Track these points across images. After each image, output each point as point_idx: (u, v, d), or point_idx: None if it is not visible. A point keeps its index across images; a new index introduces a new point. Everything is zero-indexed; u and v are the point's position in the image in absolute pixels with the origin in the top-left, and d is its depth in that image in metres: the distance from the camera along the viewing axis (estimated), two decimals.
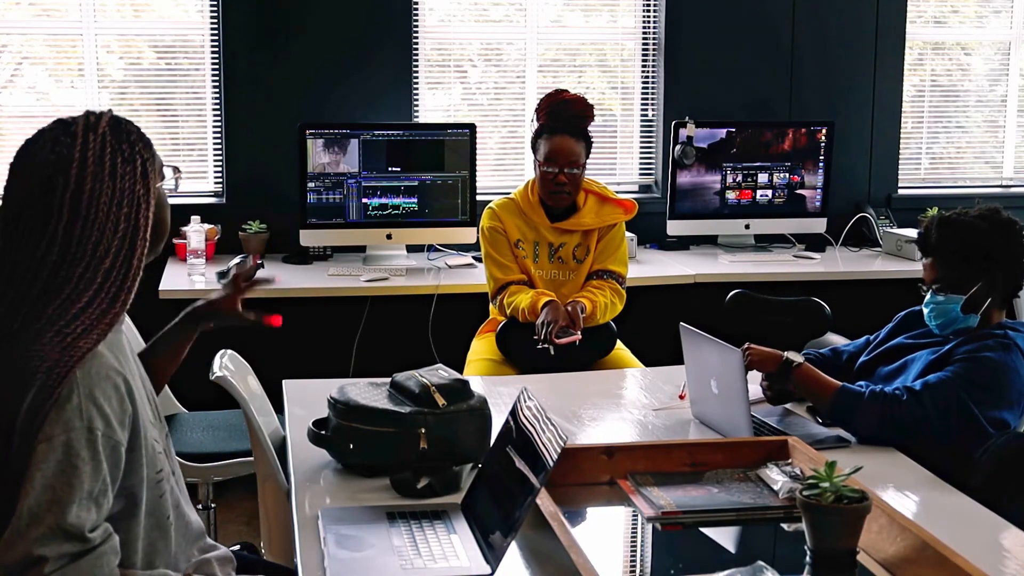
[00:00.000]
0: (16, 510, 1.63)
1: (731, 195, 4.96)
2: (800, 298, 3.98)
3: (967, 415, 2.50)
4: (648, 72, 5.12)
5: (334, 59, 4.74)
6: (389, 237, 4.57)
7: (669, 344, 3.02)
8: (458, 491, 2.18)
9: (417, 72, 4.88)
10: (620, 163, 5.18)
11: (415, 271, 4.44)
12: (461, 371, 3.55)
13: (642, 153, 5.18)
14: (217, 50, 4.69)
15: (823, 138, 4.97)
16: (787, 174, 4.99)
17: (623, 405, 2.91)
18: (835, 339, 3.56)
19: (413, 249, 4.69)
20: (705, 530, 2.09)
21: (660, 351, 3.53)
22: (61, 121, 1.83)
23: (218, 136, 4.76)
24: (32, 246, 1.76)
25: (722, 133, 4.91)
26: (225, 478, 3.34)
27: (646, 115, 5.15)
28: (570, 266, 3.74)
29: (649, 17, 5.09)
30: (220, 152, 4.77)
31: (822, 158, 4.98)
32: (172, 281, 4.19)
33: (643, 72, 5.12)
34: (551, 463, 1.82)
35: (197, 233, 4.32)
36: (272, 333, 2.47)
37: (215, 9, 4.67)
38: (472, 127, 4.58)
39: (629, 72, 5.14)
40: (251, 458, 2.97)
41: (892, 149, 5.33)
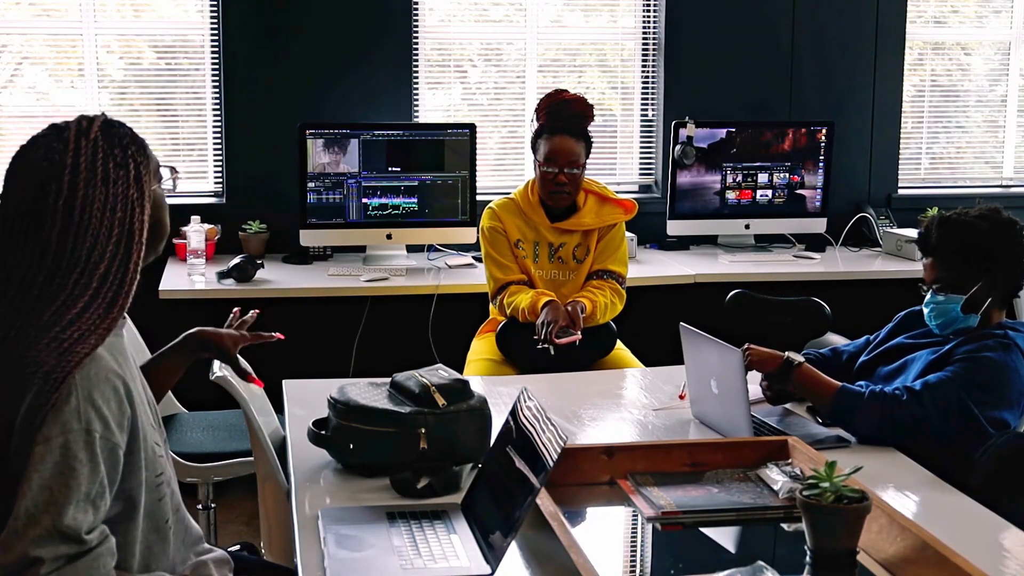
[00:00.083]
0: (13, 511, 1.63)
1: (731, 195, 4.96)
2: (800, 298, 3.97)
3: (967, 415, 2.50)
4: (648, 72, 5.12)
5: (334, 59, 4.74)
6: (389, 237, 4.57)
7: (669, 344, 3.02)
8: (458, 491, 2.18)
9: (417, 72, 4.87)
10: (620, 163, 5.18)
11: (415, 271, 4.44)
12: (461, 371, 3.55)
13: (642, 153, 5.18)
14: (217, 50, 4.69)
15: (823, 138, 4.97)
16: (787, 174, 4.98)
17: (623, 405, 2.90)
18: (835, 339, 3.56)
19: (413, 249, 4.69)
20: (705, 530, 2.09)
21: (660, 351, 3.53)
22: (55, 126, 1.84)
23: (218, 136, 4.76)
24: (28, 253, 1.77)
25: (722, 133, 4.91)
26: (225, 478, 3.34)
27: (646, 115, 5.15)
28: (570, 266, 3.74)
29: (649, 17, 5.09)
30: (220, 152, 4.77)
31: (822, 158, 4.98)
32: (172, 281, 4.19)
33: (643, 72, 5.12)
34: (551, 463, 1.82)
35: (197, 233, 4.32)
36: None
37: (215, 9, 4.67)
38: (472, 127, 4.58)
39: (629, 72, 5.14)
40: (251, 458, 2.97)
41: (892, 149, 5.33)
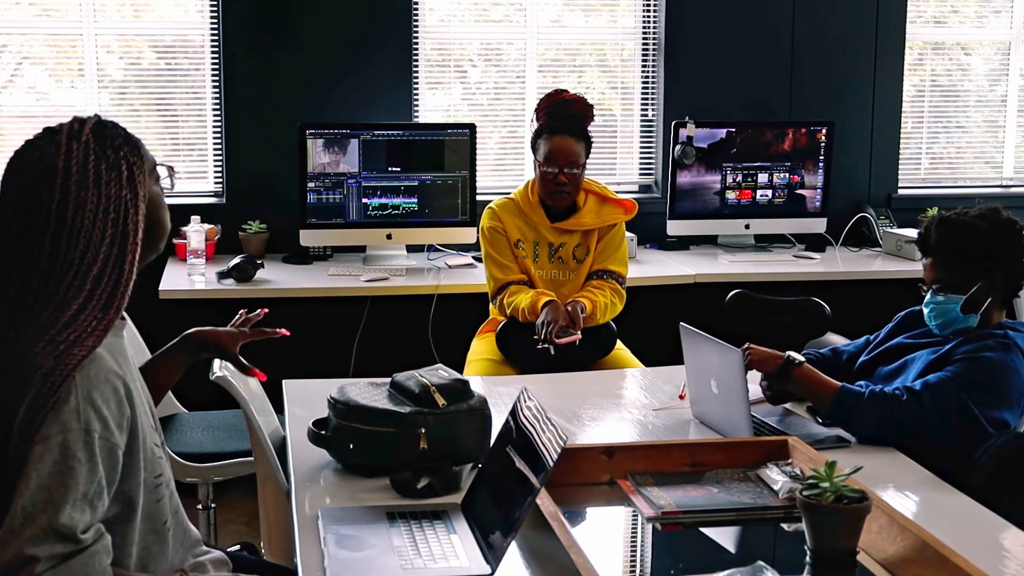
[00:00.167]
0: (11, 509, 1.63)
1: (731, 195, 4.96)
2: (800, 298, 3.97)
3: (967, 415, 2.50)
4: (648, 72, 5.12)
5: (334, 59, 4.74)
6: (389, 237, 4.57)
7: (669, 344, 3.02)
8: (458, 491, 2.18)
9: (417, 72, 4.87)
10: (620, 163, 5.18)
11: (415, 271, 4.44)
12: (461, 371, 3.55)
13: (642, 153, 5.18)
14: (217, 50, 4.69)
15: (823, 138, 4.97)
16: (787, 174, 4.98)
17: (623, 405, 2.90)
18: (835, 339, 3.56)
19: (413, 249, 4.69)
20: (705, 530, 2.09)
21: (660, 351, 3.53)
22: (48, 129, 1.84)
23: (218, 136, 4.76)
24: (23, 256, 1.77)
25: (722, 133, 4.91)
26: (225, 478, 3.34)
27: (646, 115, 5.15)
28: (570, 266, 3.74)
29: (649, 17, 5.09)
30: (220, 152, 4.76)
31: (822, 158, 4.98)
32: (172, 281, 4.19)
33: (643, 72, 5.12)
34: (551, 463, 1.82)
35: (197, 233, 4.32)
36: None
37: (215, 9, 4.67)
38: (472, 127, 4.58)
39: (629, 72, 5.14)
40: (251, 458, 2.97)
41: (892, 149, 5.32)
